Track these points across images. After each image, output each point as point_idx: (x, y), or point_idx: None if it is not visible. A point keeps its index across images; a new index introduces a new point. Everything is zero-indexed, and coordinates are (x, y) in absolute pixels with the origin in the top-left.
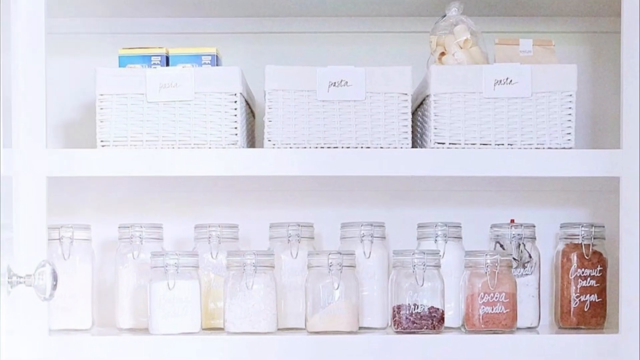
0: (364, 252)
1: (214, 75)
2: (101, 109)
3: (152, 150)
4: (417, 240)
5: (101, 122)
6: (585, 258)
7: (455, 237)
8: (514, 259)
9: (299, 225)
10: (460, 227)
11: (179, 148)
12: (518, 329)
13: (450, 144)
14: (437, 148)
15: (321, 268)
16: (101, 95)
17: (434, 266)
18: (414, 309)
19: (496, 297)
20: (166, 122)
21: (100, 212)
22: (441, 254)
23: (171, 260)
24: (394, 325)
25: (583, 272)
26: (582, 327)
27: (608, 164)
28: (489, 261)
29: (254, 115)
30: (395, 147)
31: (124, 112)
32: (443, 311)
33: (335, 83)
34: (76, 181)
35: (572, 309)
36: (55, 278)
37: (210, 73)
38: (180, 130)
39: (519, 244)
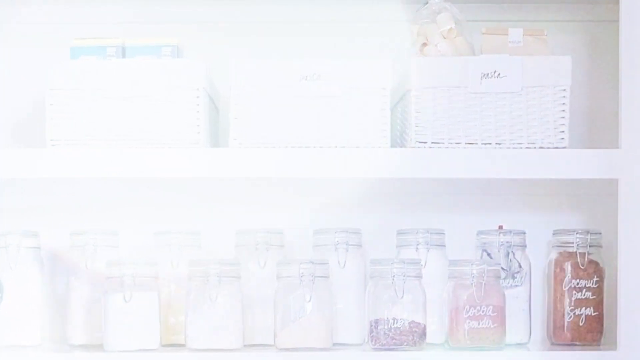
0: (339, 262)
1: (174, 69)
2: (52, 105)
3: (107, 150)
4: (396, 249)
5: (52, 119)
6: (580, 268)
7: (438, 245)
8: (503, 268)
9: (267, 232)
10: (444, 234)
11: (136, 148)
12: (507, 345)
13: (432, 143)
14: (419, 147)
15: (291, 279)
16: (52, 90)
17: (415, 277)
18: (393, 324)
19: (483, 311)
20: (122, 120)
21: (51, 217)
22: (423, 263)
23: (128, 270)
24: (371, 341)
25: (578, 283)
26: (577, 343)
27: (605, 164)
28: (475, 271)
29: (218, 112)
30: (373, 147)
31: (77, 109)
32: (425, 326)
33: (308, 77)
34: (24, 183)
35: (565, 324)
36: (1, 289)
37: (170, 66)
38: (137, 128)
39: (508, 253)
